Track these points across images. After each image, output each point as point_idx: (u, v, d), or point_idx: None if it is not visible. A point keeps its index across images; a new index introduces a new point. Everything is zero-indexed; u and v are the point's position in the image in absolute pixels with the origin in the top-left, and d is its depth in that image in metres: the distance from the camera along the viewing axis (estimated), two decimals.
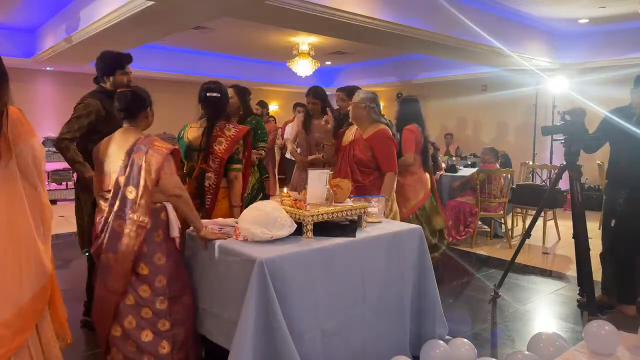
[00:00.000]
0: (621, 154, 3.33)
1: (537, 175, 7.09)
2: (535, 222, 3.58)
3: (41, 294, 1.91)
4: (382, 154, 3.14)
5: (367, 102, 3.18)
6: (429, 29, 5.66)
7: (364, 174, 3.15)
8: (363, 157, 3.16)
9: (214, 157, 2.67)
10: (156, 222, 2.18)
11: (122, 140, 2.25)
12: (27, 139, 1.88)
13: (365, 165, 3.17)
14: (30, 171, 1.89)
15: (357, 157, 3.17)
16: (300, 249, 2.18)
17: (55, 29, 6.75)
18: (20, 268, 1.84)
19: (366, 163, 3.16)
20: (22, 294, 1.83)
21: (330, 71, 11.39)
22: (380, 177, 3.18)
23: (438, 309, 2.71)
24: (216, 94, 2.76)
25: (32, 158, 1.88)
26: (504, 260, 3.34)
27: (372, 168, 3.18)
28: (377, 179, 3.17)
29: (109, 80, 2.92)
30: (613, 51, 7.29)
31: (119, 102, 2.26)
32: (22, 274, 1.84)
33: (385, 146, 3.15)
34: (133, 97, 2.26)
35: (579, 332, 3.01)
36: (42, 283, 1.90)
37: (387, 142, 3.14)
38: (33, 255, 1.87)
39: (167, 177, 2.14)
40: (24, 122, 1.88)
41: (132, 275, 2.15)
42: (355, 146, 3.20)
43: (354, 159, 3.18)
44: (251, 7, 4.52)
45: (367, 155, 3.15)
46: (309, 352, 2.14)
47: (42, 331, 1.98)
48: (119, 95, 2.27)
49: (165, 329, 2.17)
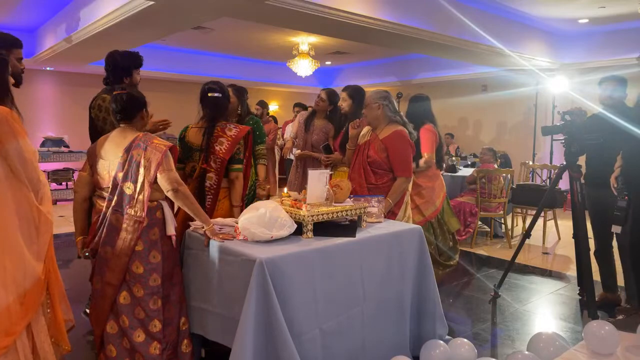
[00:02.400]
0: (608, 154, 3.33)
1: (537, 175, 7.09)
2: (535, 222, 3.58)
3: (29, 296, 1.90)
4: (397, 157, 3.01)
5: (380, 101, 3.06)
6: (429, 29, 5.66)
7: (378, 175, 3.04)
8: (377, 158, 3.03)
9: (215, 157, 2.67)
10: (152, 220, 2.20)
11: (119, 139, 2.27)
12: (12, 140, 1.86)
13: (379, 167, 3.05)
14: (18, 172, 1.89)
15: (371, 158, 3.05)
16: (300, 249, 2.18)
17: (55, 29, 6.75)
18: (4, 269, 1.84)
19: (380, 164, 3.04)
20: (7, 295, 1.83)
21: (330, 71, 11.39)
22: (394, 180, 3.05)
23: (438, 309, 2.71)
24: (217, 93, 2.76)
25: (18, 159, 1.88)
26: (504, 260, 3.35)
27: (386, 170, 3.05)
28: (390, 180, 3.05)
29: (127, 80, 2.91)
30: (613, 51, 7.29)
31: (116, 103, 2.27)
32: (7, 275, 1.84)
33: (402, 149, 3.01)
34: (129, 98, 2.28)
35: (579, 332, 3.01)
36: (28, 285, 1.89)
37: (403, 144, 3.01)
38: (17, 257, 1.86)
39: (165, 173, 2.17)
40: (10, 122, 1.87)
41: (127, 273, 2.17)
42: (371, 146, 3.08)
43: (367, 160, 3.07)
44: (251, 7, 4.52)
45: (381, 156, 3.03)
46: (309, 352, 2.14)
47: (36, 335, 1.97)
48: (115, 97, 2.28)
49: (156, 330, 2.18)
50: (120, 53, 2.95)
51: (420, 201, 3.62)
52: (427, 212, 3.66)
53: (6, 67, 2.02)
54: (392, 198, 2.99)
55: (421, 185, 3.67)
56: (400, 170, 3.01)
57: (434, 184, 3.74)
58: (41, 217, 1.96)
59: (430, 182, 3.72)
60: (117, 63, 2.92)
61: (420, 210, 3.62)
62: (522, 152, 8.67)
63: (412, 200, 3.57)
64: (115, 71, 2.92)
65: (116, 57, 2.93)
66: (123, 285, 2.17)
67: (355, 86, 3.75)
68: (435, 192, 3.73)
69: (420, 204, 3.63)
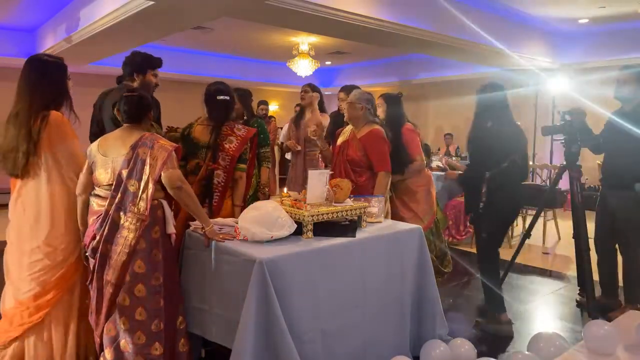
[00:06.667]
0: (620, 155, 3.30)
1: (537, 175, 7.09)
2: (535, 222, 3.58)
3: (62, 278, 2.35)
4: (375, 154, 3.14)
5: (364, 103, 3.20)
6: (429, 29, 5.66)
7: (357, 173, 3.17)
8: (355, 157, 3.17)
9: (224, 155, 2.69)
10: (154, 219, 2.21)
11: (125, 136, 2.28)
12: (61, 142, 2.34)
13: (357, 165, 3.18)
14: (64, 169, 2.35)
15: (349, 157, 3.19)
16: (300, 249, 2.18)
17: (55, 29, 6.75)
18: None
19: (358, 163, 3.17)
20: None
21: (330, 71, 11.40)
22: (373, 176, 3.17)
23: (438, 309, 2.71)
24: (226, 96, 2.78)
25: (66, 159, 2.35)
26: (504, 260, 3.34)
27: (364, 167, 3.18)
28: (369, 178, 3.17)
29: (138, 78, 2.91)
30: (613, 51, 7.29)
31: (127, 105, 2.29)
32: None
33: (378, 145, 3.15)
34: (140, 100, 2.31)
35: (579, 332, 3.00)
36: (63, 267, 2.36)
37: (379, 141, 3.15)
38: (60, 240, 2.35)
39: (169, 171, 2.19)
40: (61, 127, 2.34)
41: (128, 273, 2.17)
42: (349, 146, 3.22)
43: (347, 159, 3.20)
44: (251, 7, 4.52)
45: (359, 155, 3.17)
46: (309, 352, 2.14)
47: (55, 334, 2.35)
48: (126, 99, 2.30)
49: (158, 329, 2.19)
50: (141, 53, 2.98)
51: (419, 208, 3.58)
52: (426, 219, 3.61)
53: (65, 72, 2.43)
54: (381, 193, 3.07)
55: (417, 190, 3.62)
56: (379, 165, 3.14)
57: (429, 187, 3.74)
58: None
59: (425, 185, 3.70)
60: (135, 60, 2.92)
61: (419, 217, 3.55)
62: None
63: (410, 208, 3.55)
64: (132, 67, 2.92)
65: (136, 55, 2.95)
66: (123, 286, 2.17)
67: (351, 86, 3.82)
68: (430, 195, 3.72)
69: (419, 211, 3.57)
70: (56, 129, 2.32)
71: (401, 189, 3.55)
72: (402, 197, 3.55)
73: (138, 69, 2.90)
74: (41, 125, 2.27)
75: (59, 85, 2.41)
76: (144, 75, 2.91)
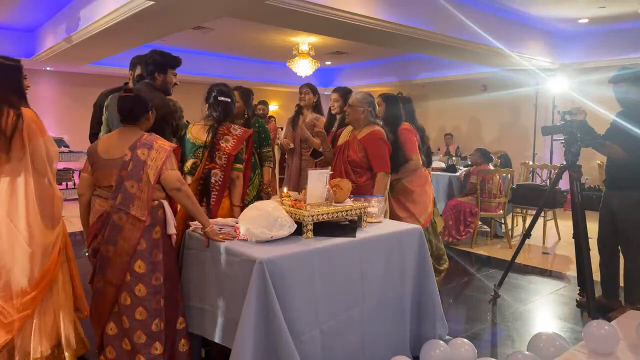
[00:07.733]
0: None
1: (537, 175, 7.09)
2: (535, 222, 3.58)
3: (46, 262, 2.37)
4: (374, 154, 3.16)
5: (366, 106, 3.21)
6: (429, 29, 5.66)
7: (357, 174, 3.18)
8: (356, 158, 3.19)
9: (220, 153, 2.70)
10: (154, 219, 2.21)
11: (124, 137, 2.28)
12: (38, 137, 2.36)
13: (358, 166, 3.19)
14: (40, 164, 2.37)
15: (350, 158, 3.20)
16: (300, 249, 2.18)
17: (55, 29, 6.75)
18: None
19: (359, 163, 3.19)
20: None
21: (330, 71, 11.40)
22: (373, 177, 3.18)
23: (438, 309, 2.71)
24: (228, 98, 2.79)
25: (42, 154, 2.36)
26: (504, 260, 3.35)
27: (364, 168, 3.19)
28: (370, 179, 3.19)
29: (160, 77, 2.89)
30: (613, 51, 7.29)
31: (124, 105, 2.29)
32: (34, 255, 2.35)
33: (378, 146, 3.17)
34: (136, 100, 2.31)
35: (579, 332, 3.01)
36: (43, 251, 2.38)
37: (379, 142, 3.17)
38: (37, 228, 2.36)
39: (168, 172, 2.19)
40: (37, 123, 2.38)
41: (129, 272, 2.17)
42: (350, 147, 3.23)
43: (347, 159, 3.21)
44: (251, 7, 4.52)
45: (359, 155, 3.18)
46: (309, 352, 2.14)
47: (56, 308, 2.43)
48: (122, 100, 2.31)
49: (158, 329, 2.19)
50: (161, 51, 2.95)
51: (415, 208, 3.54)
52: (423, 218, 3.58)
53: (20, 72, 2.44)
54: (380, 193, 3.09)
55: (414, 190, 3.57)
56: (379, 166, 3.16)
57: (425, 187, 3.69)
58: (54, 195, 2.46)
59: (421, 185, 3.66)
60: (156, 60, 2.90)
61: (415, 217, 3.52)
62: (522, 152, 8.67)
63: (406, 207, 3.54)
64: (153, 66, 2.89)
65: (156, 54, 2.92)
66: (124, 286, 2.18)
67: (344, 88, 3.84)
68: (427, 195, 3.68)
69: (415, 212, 3.54)
70: (30, 125, 2.36)
71: (397, 188, 3.54)
72: (398, 196, 3.54)
73: (160, 68, 2.88)
74: (17, 122, 2.32)
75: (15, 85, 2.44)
76: (165, 74, 2.90)
